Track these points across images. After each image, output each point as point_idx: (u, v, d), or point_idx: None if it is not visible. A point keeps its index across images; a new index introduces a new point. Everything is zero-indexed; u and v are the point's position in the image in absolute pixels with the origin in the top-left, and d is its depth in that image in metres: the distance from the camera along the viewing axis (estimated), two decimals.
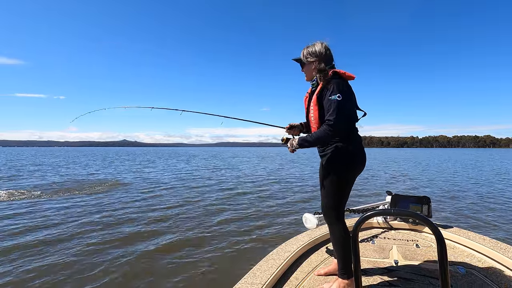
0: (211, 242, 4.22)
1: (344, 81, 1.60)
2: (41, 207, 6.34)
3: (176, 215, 5.74)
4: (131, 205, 6.72)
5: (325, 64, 1.64)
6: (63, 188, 9.26)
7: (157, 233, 4.53)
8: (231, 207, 6.67)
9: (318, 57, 1.66)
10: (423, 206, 2.58)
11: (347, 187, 1.65)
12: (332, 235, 1.70)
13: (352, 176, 1.65)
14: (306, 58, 1.70)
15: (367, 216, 1.05)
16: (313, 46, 1.69)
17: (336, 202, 1.64)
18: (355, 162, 1.62)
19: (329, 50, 1.68)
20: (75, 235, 4.37)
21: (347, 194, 1.68)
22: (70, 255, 3.61)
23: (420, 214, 0.97)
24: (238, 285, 1.59)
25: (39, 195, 7.83)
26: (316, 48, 1.67)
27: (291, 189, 9.70)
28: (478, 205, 6.80)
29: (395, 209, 1.04)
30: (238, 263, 3.47)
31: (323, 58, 1.65)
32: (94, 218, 5.36)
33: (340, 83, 1.56)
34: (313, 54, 1.67)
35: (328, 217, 1.68)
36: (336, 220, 1.66)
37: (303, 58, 1.72)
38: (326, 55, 1.66)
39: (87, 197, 7.64)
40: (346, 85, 1.59)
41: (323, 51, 1.66)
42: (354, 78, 1.63)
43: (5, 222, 5.06)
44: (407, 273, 1.82)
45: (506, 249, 2.05)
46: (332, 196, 1.64)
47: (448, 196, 8.07)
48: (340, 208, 1.66)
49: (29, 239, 4.20)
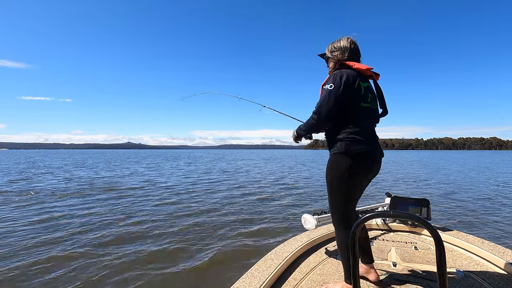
0: (209, 241, 4.24)
1: (350, 73, 1.53)
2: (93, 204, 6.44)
3: (178, 215, 5.78)
4: (150, 207, 6.78)
5: (350, 58, 1.60)
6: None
7: (160, 233, 4.57)
8: (231, 207, 6.69)
9: (342, 51, 1.62)
10: (422, 208, 2.58)
11: (350, 190, 1.55)
12: (336, 238, 1.67)
13: (356, 180, 1.54)
14: (331, 52, 1.67)
15: (366, 218, 1.04)
16: (338, 41, 1.65)
17: (337, 205, 1.59)
18: (357, 165, 1.50)
19: (354, 44, 1.64)
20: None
21: (351, 197, 1.58)
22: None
23: (419, 217, 0.96)
24: (236, 284, 1.60)
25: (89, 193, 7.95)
26: (341, 43, 1.63)
27: (291, 189, 9.69)
28: (479, 208, 6.73)
29: (394, 211, 1.03)
30: (237, 263, 3.49)
31: (348, 52, 1.61)
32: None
33: (338, 74, 1.51)
34: (338, 49, 1.64)
35: (332, 219, 1.65)
36: (338, 223, 1.60)
37: (328, 53, 1.69)
38: (351, 49, 1.62)
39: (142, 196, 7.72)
40: (349, 77, 1.50)
41: (348, 45, 1.62)
42: (365, 69, 1.56)
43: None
44: (405, 275, 1.82)
45: (505, 252, 2.05)
46: (332, 198, 1.60)
47: (449, 198, 8.00)
48: (344, 211, 1.58)
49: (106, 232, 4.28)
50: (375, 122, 1.67)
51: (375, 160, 1.58)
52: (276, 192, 9.23)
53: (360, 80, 1.54)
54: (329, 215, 2.56)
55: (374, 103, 1.63)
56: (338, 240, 1.63)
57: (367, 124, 1.57)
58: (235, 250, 3.92)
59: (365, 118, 1.56)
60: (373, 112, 1.62)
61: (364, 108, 1.55)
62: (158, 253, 3.78)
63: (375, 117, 1.65)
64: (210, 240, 4.33)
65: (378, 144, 1.62)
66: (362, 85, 1.54)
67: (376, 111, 1.65)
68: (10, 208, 6.50)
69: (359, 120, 1.54)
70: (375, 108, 1.64)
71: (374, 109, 1.63)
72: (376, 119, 1.67)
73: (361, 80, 1.55)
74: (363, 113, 1.55)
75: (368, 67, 1.57)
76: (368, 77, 1.65)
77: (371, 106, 1.60)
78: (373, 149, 1.55)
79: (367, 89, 1.58)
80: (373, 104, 1.61)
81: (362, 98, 1.54)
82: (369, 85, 1.63)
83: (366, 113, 1.56)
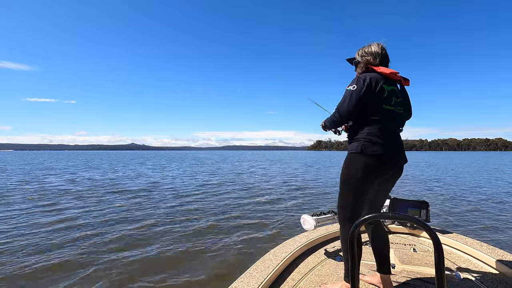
0: (208, 241, 4.26)
1: (374, 76, 1.56)
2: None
3: (181, 216, 5.81)
4: (157, 207, 6.83)
5: (380, 63, 1.63)
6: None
7: (163, 233, 4.61)
8: (230, 207, 6.72)
9: (374, 56, 1.65)
10: (422, 210, 2.57)
11: (360, 191, 1.54)
12: (340, 236, 1.68)
13: (368, 181, 1.53)
14: (362, 57, 1.69)
15: (365, 219, 1.04)
16: (369, 46, 1.68)
17: (344, 203, 1.59)
18: (372, 166, 1.50)
19: (384, 50, 1.67)
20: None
21: (361, 198, 1.57)
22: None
23: (418, 219, 0.95)
24: (234, 284, 1.60)
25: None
26: (372, 48, 1.66)
27: (291, 190, 9.70)
28: (481, 211, 6.66)
29: (393, 213, 1.03)
30: (235, 263, 3.50)
31: (379, 57, 1.64)
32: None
33: (362, 77, 1.55)
34: (369, 54, 1.66)
35: (339, 216, 1.66)
36: (343, 222, 1.61)
37: (358, 57, 1.71)
38: (382, 54, 1.65)
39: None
40: (372, 79, 1.53)
41: (379, 50, 1.65)
42: (388, 73, 1.58)
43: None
44: (403, 277, 1.83)
45: (503, 255, 2.05)
46: (341, 195, 1.62)
47: (450, 201, 7.93)
48: (351, 211, 1.58)
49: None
50: (398, 126, 1.65)
51: (394, 164, 1.55)
52: (276, 192, 9.25)
53: (384, 83, 1.55)
54: (328, 216, 2.58)
55: (399, 107, 1.61)
56: (340, 239, 1.66)
57: (388, 127, 1.56)
58: (234, 250, 3.93)
59: (386, 121, 1.55)
60: (397, 116, 1.60)
61: (386, 110, 1.55)
62: (158, 254, 3.81)
63: (398, 121, 1.63)
64: (208, 239, 4.35)
65: (400, 148, 1.60)
66: (385, 88, 1.55)
67: (400, 115, 1.63)
68: (21, 209, 6.59)
69: (380, 122, 1.54)
70: (400, 112, 1.62)
71: (398, 113, 1.60)
72: (400, 122, 1.65)
73: (385, 83, 1.56)
74: (384, 115, 1.54)
75: (392, 71, 1.58)
76: (395, 81, 1.66)
77: (395, 109, 1.58)
78: (392, 152, 1.53)
79: (391, 92, 1.57)
80: (397, 107, 1.59)
81: (385, 101, 1.54)
82: (395, 88, 1.62)
83: (388, 115, 1.55)
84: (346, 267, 1.61)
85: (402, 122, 1.67)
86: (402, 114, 1.63)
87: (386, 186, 1.64)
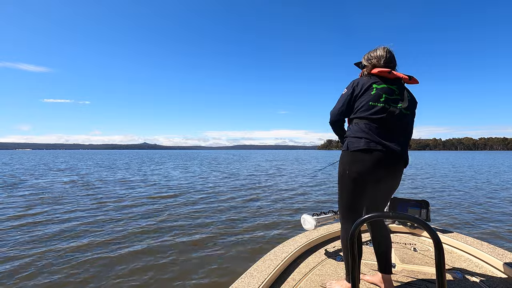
0: (208, 241, 4.27)
1: (363, 79, 1.63)
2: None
3: (188, 212, 5.90)
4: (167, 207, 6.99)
5: (385, 66, 1.66)
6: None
7: (167, 229, 4.69)
8: (230, 208, 6.74)
9: (378, 59, 1.68)
10: (422, 210, 2.57)
11: (351, 189, 1.55)
12: (340, 236, 1.69)
13: (358, 179, 1.51)
14: (368, 60, 1.73)
15: (365, 219, 1.04)
16: (375, 50, 1.72)
17: (342, 202, 1.62)
18: (356, 163, 1.50)
19: (390, 53, 1.69)
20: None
21: (353, 196, 1.56)
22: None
23: (418, 218, 0.95)
24: (234, 284, 1.60)
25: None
26: (377, 52, 1.70)
27: (292, 190, 9.66)
28: (482, 211, 6.47)
29: (394, 212, 1.02)
30: (236, 263, 3.50)
31: (383, 60, 1.67)
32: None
33: (353, 81, 1.66)
34: (375, 57, 1.70)
35: (339, 215, 1.69)
36: (343, 221, 1.63)
37: (364, 61, 1.75)
38: (387, 58, 1.67)
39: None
40: (360, 81, 1.62)
41: (384, 54, 1.68)
42: (377, 71, 1.61)
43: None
44: (404, 277, 1.83)
45: (504, 254, 2.04)
46: (339, 194, 1.64)
47: (451, 201, 7.73)
48: (346, 209, 1.60)
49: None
50: (395, 123, 1.54)
51: (385, 162, 1.49)
52: (276, 192, 9.19)
53: (374, 83, 1.58)
54: (328, 216, 2.60)
55: (393, 103, 1.55)
56: (341, 238, 1.67)
57: (378, 124, 1.52)
58: (234, 250, 3.93)
59: (374, 118, 1.52)
60: (389, 113, 1.53)
61: (373, 107, 1.53)
62: (159, 253, 3.82)
63: (392, 118, 1.54)
64: (207, 239, 4.36)
65: (394, 147, 1.50)
66: (375, 86, 1.56)
67: (393, 113, 1.54)
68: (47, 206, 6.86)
69: (366, 119, 1.54)
70: (393, 110, 1.54)
71: (391, 110, 1.53)
72: (396, 120, 1.54)
73: (376, 83, 1.58)
74: (372, 112, 1.53)
75: (383, 69, 1.60)
76: (392, 80, 1.62)
77: (386, 106, 1.53)
78: (381, 150, 1.47)
79: (382, 90, 1.56)
80: (390, 104, 1.54)
81: (372, 98, 1.55)
82: (390, 87, 1.58)
83: (375, 112, 1.53)
84: (347, 266, 1.64)
85: (400, 119, 1.56)
86: (398, 111, 1.54)
87: (380, 187, 1.57)
